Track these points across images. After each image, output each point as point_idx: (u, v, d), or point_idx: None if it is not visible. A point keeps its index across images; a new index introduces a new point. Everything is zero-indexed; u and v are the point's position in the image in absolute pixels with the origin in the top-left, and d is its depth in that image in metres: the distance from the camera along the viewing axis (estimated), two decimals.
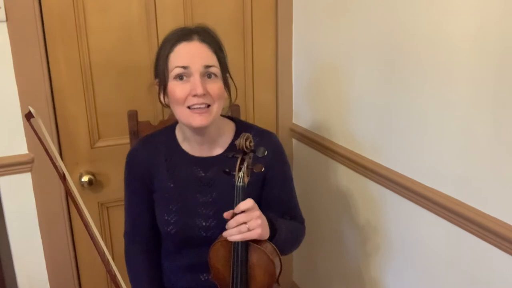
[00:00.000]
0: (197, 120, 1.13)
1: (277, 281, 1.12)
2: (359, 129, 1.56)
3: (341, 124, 1.67)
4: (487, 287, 1.16)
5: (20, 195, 1.63)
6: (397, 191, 1.41)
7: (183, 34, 1.14)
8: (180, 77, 1.12)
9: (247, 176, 1.07)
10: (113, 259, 1.86)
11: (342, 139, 1.67)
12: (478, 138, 1.12)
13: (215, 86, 1.13)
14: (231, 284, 1.11)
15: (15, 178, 1.61)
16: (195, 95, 1.11)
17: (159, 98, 1.21)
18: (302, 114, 1.92)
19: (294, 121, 1.99)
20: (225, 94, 1.20)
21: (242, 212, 1.05)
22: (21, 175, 1.61)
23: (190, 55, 1.11)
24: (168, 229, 1.24)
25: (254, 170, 1.07)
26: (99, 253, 1.08)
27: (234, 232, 1.05)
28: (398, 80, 1.36)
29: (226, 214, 1.08)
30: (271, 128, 1.84)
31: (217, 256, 1.13)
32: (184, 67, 1.11)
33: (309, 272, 2.06)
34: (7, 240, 1.67)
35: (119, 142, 1.72)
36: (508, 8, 1.01)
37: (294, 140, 2.00)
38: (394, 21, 1.34)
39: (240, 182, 1.06)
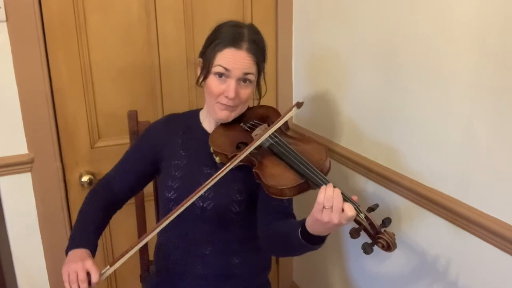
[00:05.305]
0: (222, 114, 1.27)
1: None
2: (359, 130, 1.56)
3: (341, 124, 1.67)
4: (487, 287, 1.16)
5: (20, 195, 1.63)
6: (397, 191, 1.41)
7: (235, 40, 1.22)
8: (220, 75, 1.23)
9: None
10: (113, 258, 1.87)
11: (342, 139, 1.67)
12: (478, 138, 1.12)
13: (246, 92, 1.26)
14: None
15: (15, 178, 1.61)
16: (226, 97, 1.23)
17: (198, 79, 1.31)
18: (302, 114, 1.92)
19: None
20: (252, 95, 1.32)
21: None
22: (21, 175, 1.61)
23: (235, 61, 1.21)
24: (169, 195, 1.30)
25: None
26: None
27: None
28: (398, 81, 1.36)
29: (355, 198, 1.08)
30: None
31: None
32: (226, 69, 1.22)
33: (309, 272, 2.06)
34: (7, 240, 1.67)
35: (119, 142, 1.71)
36: (508, 8, 1.01)
37: None
38: (394, 22, 1.34)
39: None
